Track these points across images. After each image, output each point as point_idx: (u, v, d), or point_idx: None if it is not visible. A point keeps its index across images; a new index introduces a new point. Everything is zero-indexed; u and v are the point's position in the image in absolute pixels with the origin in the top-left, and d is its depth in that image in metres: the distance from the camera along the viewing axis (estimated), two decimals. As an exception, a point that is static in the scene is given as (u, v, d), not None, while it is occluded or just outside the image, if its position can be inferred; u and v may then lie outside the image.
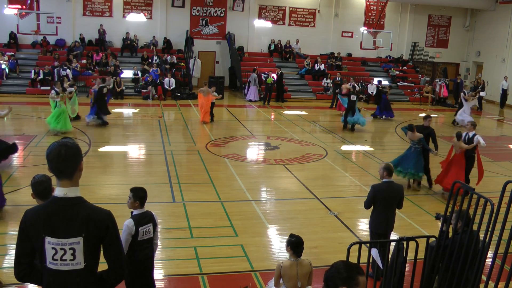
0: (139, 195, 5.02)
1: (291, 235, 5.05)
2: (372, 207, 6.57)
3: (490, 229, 4.67)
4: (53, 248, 2.85)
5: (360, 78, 25.55)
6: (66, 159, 2.86)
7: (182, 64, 24.23)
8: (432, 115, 11.69)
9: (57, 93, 14.16)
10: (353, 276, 2.58)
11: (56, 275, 2.90)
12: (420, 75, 27.50)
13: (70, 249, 2.86)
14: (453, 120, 19.31)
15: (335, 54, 26.87)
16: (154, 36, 24.98)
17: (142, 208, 5.04)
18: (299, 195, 10.02)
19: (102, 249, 2.99)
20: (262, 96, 22.52)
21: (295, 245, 4.95)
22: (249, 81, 22.78)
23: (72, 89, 15.24)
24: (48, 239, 2.84)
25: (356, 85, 20.01)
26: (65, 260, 2.87)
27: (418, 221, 8.58)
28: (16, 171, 10.55)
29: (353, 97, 16.85)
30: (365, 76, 25.98)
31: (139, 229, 4.92)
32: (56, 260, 2.87)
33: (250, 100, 22.44)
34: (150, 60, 23.65)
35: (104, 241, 2.95)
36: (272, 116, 19.41)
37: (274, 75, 22.76)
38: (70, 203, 2.87)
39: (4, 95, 20.42)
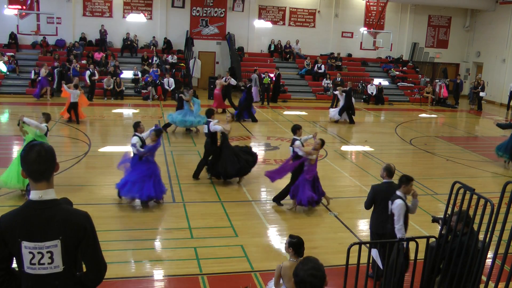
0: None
1: (291, 236, 5.05)
2: (372, 207, 6.57)
3: (490, 229, 4.68)
4: (30, 252, 2.80)
5: (360, 78, 25.58)
6: (47, 160, 2.80)
7: (182, 64, 24.23)
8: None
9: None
10: None
11: (34, 279, 2.85)
12: (420, 75, 27.50)
13: (47, 252, 2.81)
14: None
15: (335, 55, 26.88)
16: (154, 37, 24.97)
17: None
18: (299, 196, 9.99)
19: (80, 251, 2.93)
20: (261, 96, 22.49)
21: (297, 246, 4.95)
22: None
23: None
24: (24, 243, 2.79)
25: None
26: (43, 264, 2.82)
27: (418, 222, 8.57)
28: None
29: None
30: (365, 76, 25.98)
31: None
32: (34, 264, 2.82)
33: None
34: (150, 61, 23.65)
35: (81, 243, 2.89)
36: (272, 117, 19.39)
37: (272, 75, 22.70)
38: (46, 206, 2.81)
39: (4, 95, 20.46)
